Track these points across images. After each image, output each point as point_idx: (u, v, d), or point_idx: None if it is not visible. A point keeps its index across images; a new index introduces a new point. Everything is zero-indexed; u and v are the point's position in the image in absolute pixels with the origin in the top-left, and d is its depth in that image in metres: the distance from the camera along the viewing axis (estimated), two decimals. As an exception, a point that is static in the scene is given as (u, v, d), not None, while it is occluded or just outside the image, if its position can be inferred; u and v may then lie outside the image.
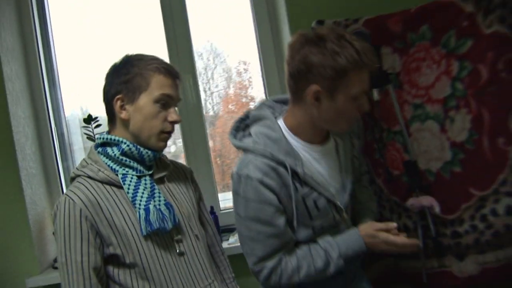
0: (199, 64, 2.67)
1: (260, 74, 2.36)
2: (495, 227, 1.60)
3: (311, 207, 1.32)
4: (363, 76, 1.24)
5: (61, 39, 2.31)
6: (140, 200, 1.23)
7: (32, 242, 2.02)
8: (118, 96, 1.26)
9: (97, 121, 2.09)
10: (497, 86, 1.59)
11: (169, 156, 1.49)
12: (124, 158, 1.26)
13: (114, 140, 1.28)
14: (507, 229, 1.59)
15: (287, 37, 2.05)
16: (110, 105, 1.29)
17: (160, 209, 1.24)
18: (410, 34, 1.70)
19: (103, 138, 1.30)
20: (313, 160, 1.35)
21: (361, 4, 1.88)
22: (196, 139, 2.30)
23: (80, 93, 2.38)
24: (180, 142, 2.63)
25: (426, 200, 1.60)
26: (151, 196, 1.25)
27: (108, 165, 1.27)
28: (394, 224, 1.31)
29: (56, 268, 2.06)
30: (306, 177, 1.29)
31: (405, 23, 1.70)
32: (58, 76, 2.31)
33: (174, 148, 3.03)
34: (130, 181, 1.25)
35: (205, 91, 2.88)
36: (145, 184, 1.26)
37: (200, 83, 2.37)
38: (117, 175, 1.25)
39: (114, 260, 1.24)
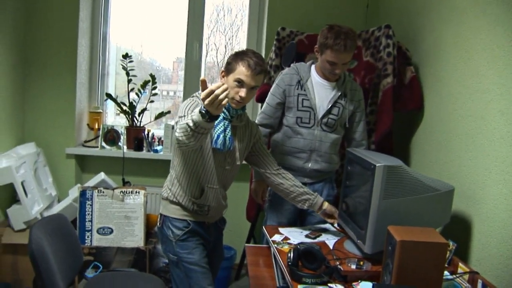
0: (227, 19, 3.41)
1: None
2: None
3: (299, 102, 2.27)
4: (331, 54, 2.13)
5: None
6: (218, 130, 1.89)
7: (74, 125, 3.16)
8: (222, 70, 1.93)
9: (131, 57, 3.17)
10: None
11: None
12: None
13: None
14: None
15: (265, 27, 3.21)
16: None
17: (225, 138, 1.90)
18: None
19: None
20: (317, 84, 2.26)
21: (310, 23, 3.00)
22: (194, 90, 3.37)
23: (118, 35, 3.47)
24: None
25: None
26: (223, 130, 1.90)
27: None
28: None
29: (85, 146, 3.25)
30: (304, 86, 2.27)
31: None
32: (109, 22, 3.39)
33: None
34: (218, 118, 1.78)
35: (225, 47, 3.53)
36: (224, 123, 1.91)
37: (223, 38, 3.26)
38: None
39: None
